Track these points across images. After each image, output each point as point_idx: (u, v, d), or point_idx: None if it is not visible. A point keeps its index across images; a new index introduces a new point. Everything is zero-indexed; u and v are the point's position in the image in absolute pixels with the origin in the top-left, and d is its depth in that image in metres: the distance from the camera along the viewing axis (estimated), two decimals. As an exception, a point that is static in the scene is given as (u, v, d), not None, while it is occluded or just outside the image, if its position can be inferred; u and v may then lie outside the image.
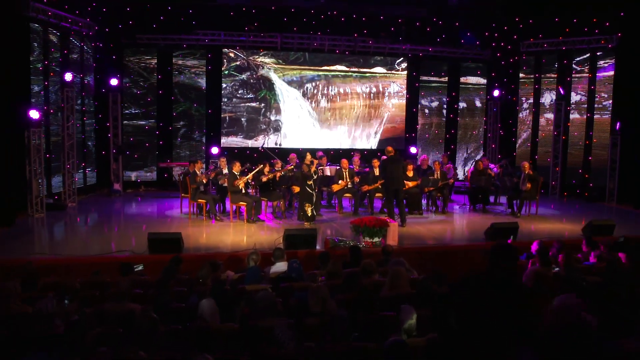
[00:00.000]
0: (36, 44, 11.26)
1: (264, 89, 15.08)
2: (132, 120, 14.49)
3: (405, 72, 15.94)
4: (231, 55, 14.85)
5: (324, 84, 15.40)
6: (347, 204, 11.99)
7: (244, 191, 10.41)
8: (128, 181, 14.47)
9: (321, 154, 12.47)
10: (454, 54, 15.92)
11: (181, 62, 14.61)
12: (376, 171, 11.59)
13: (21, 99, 10.67)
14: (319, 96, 15.41)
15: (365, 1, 15.06)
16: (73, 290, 4.80)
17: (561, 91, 14.69)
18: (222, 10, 14.32)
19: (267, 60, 15.02)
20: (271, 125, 15.23)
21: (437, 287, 4.91)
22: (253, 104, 15.08)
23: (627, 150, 13.29)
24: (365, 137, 15.85)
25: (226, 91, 14.90)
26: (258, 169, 10.62)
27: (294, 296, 5.14)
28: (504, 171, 13.51)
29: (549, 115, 15.32)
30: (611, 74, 14.03)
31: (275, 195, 10.84)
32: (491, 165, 13.35)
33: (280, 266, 6.35)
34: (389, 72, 15.81)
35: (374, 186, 11.37)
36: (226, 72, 14.84)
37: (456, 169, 13.79)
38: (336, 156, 14.13)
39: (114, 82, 13.60)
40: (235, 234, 9.64)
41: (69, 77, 11.67)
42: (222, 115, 14.90)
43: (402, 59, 15.83)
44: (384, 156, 13.36)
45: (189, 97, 14.72)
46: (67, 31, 12.27)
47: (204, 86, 14.75)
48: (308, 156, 10.27)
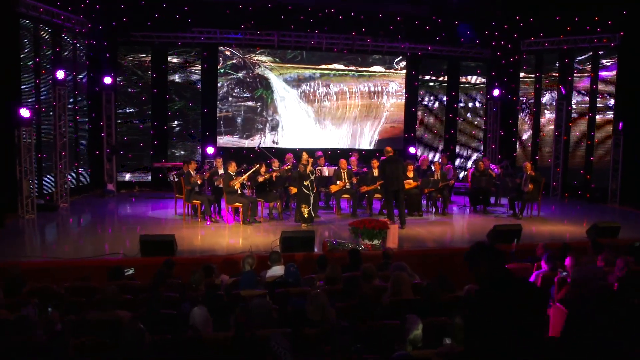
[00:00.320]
0: (27, 41, 10.97)
1: (260, 87, 14.83)
2: (126, 119, 14.23)
3: (404, 71, 15.70)
4: (227, 53, 14.59)
5: (321, 83, 15.16)
6: (345, 205, 11.76)
7: (239, 192, 10.15)
8: (122, 181, 14.21)
9: (320, 154, 12.23)
10: (454, 52, 15.70)
11: (176, 60, 14.34)
12: (375, 172, 11.36)
13: (11, 97, 10.37)
14: (316, 95, 15.16)
15: (364, -1, 14.87)
16: (58, 297, 4.54)
17: (562, 91, 14.47)
18: (217, 7, 14.05)
19: (263, 58, 14.76)
20: (268, 124, 14.98)
21: (444, 294, 4.67)
22: (249, 103, 14.82)
23: (630, 151, 13.07)
24: (364, 137, 15.60)
25: (222, 90, 14.64)
26: (254, 169, 10.36)
27: (291, 303, 4.88)
28: (505, 172, 13.32)
29: (550, 115, 15.11)
30: (613, 73, 13.82)
31: (272, 196, 10.59)
32: (492, 166, 13.13)
33: (277, 270, 6.09)
34: (388, 71, 15.57)
35: (372, 187, 11.13)
36: (222, 70, 14.58)
37: (456, 170, 13.56)
38: (334, 156, 13.89)
39: (107, 80, 13.34)
40: (231, 235, 9.39)
41: (60, 75, 11.38)
42: (217, 115, 14.63)
43: (400, 57, 15.60)
44: (383, 156, 13.20)
45: (184, 96, 14.45)
46: (59, 28, 11.98)
47: (199, 85, 14.49)
48: (304, 155, 9.99)
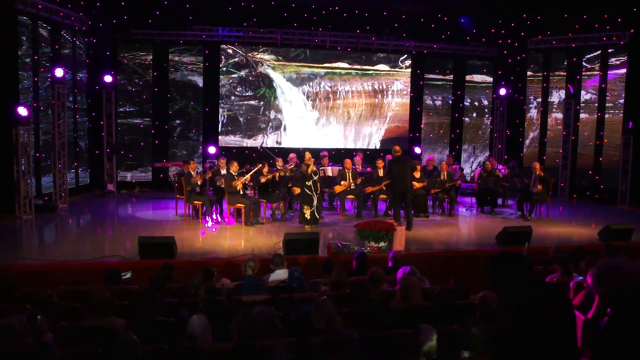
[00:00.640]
0: (25, 38, 10.76)
1: (263, 86, 14.59)
2: (127, 118, 14.01)
3: (409, 70, 15.45)
4: (229, 51, 14.36)
5: (325, 81, 14.92)
6: (350, 206, 11.53)
7: (241, 192, 9.91)
8: (122, 182, 14.00)
9: (325, 153, 11.99)
10: (460, 51, 15.44)
11: (177, 58, 14.13)
12: (380, 172, 11.14)
13: (9, 95, 10.17)
14: (320, 94, 14.92)
15: (369, -4, 14.62)
16: (48, 303, 4.29)
17: (570, 89, 14.21)
18: (219, 5, 13.82)
19: (266, 56, 14.53)
20: (271, 124, 14.74)
21: (457, 300, 4.42)
22: (252, 102, 14.59)
23: (640, 151, 12.82)
24: (368, 136, 15.36)
25: (224, 89, 14.41)
26: (257, 168, 10.12)
27: (295, 309, 4.63)
28: (512, 172, 13.06)
29: (558, 115, 14.84)
30: (623, 71, 13.54)
31: (275, 196, 10.34)
32: (499, 166, 12.87)
33: (280, 274, 5.84)
34: (393, 69, 15.32)
35: (377, 187, 10.87)
36: (224, 69, 14.35)
37: (462, 170, 13.29)
38: (338, 156, 13.66)
39: (108, 79, 13.13)
40: (233, 237, 9.15)
41: (59, 72, 11.17)
42: (219, 114, 14.41)
43: (405, 56, 15.35)
44: (389, 155, 12.94)
45: (185, 94, 14.23)
46: (58, 25, 11.76)
47: (201, 83, 14.26)
48: (307, 155, 9.72)
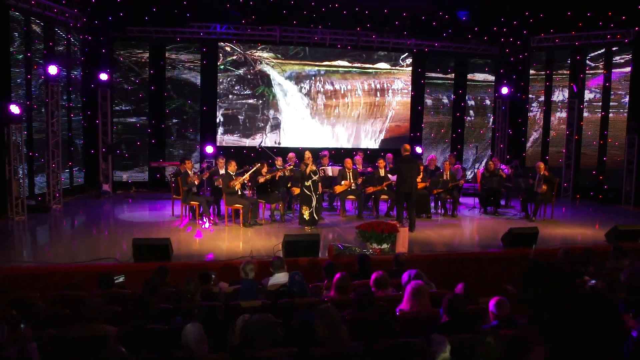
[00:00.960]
0: (17, 34, 10.48)
1: (262, 84, 14.33)
2: (123, 117, 13.73)
3: (410, 68, 15.22)
4: (227, 49, 14.10)
5: (325, 80, 14.67)
6: (350, 207, 11.29)
7: (239, 193, 9.66)
8: (118, 182, 13.72)
9: (325, 153, 11.74)
10: (461, 49, 15.20)
11: (174, 56, 13.85)
12: (381, 171, 10.90)
13: (0, 93, 9.89)
14: (319, 93, 14.67)
15: (369, -7, 14.38)
16: (35, 309, 4.05)
17: (574, 88, 13.99)
18: (217, 1, 13.56)
19: (265, 54, 14.28)
20: (269, 123, 14.49)
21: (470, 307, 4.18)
22: (250, 101, 14.33)
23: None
24: (368, 136, 15.11)
25: (222, 87, 14.14)
26: (255, 168, 9.86)
27: (297, 316, 4.39)
28: (515, 172, 12.84)
29: (561, 114, 14.63)
30: (627, 70, 13.33)
31: (274, 197, 10.08)
32: (502, 166, 12.64)
33: (280, 278, 5.59)
34: (393, 68, 15.08)
35: (379, 187, 10.65)
36: (222, 67, 14.09)
37: (464, 170, 13.07)
38: (337, 156, 13.43)
39: (103, 77, 12.84)
40: (230, 239, 8.89)
41: (53, 70, 10.89)
42: (217, 113, 14.14)
43: (406, 54, 15.11)
44: (389, 154, 12.72)
45: (182, 93, 13.96)
46: (52, 21, 11.49)
47: (198, 82, 13.99)
48: (306, 154, 9.46)
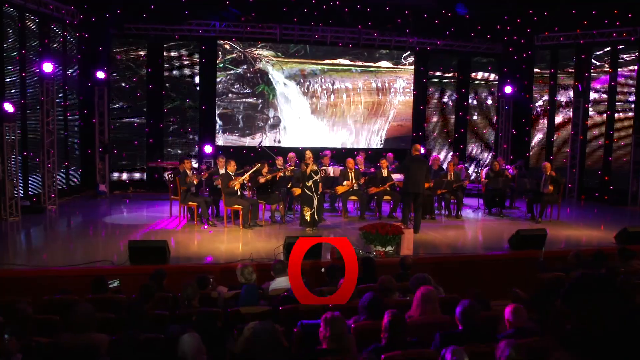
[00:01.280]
0: (11, 30, 10.23)
1: (261, 83, 14.09)
2: (120, 116, 13.50)
3: (413, 67, 14.99)
4: (226, 47, 13.86)
5: (325, 78, 14.43)
6: (352, 208, 11.05)
7: (239, 193, 9.41)
8: (115, 182, 13.48)
9: (327, 153, 11.51)
10: (464, 48, 14.98)
11: (173, 54, 13.62)
12: (384, 172, 10.67)
13: (-6, 91, 9.68)
14: (320, 92, 14.43)
15: (371, -9, 14.13)
16: (22, 316, 3.80)
17: (579, 87, 13.77)
18: (216, -1, 13.35)
19: (265, 52, 14.04)
20: (269, 122, 14.25)
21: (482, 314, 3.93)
22: (250, 100, 14.10)
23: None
24: (370, 135, 14.88)
25: (221, 86, 13.90)
26: (255, 168, 9.61)
27: (300, 324, 4.14)
28: (519, 172, 12.60)
29: (565, 113, 14.40)
30: (634, 68, 13.11)
31: (274, 197, 9.83)
32: (506, 166, 12.41)
33: (282, 282, 5.36)
34: (395, 66, 14.85)
35: (382, 188, 10.41)
36: (221, 65, 13.86)
37: (468, 170, 12.83)
38: (338, 156, 13.18)
39: (100, 75, 12.57)
40: (230, 241, 8.65)
41: (48, 68, 10.62)
42: (216, 112, 13.90)
43: (409, 52, 14.89)
44: (389, 154, 12.50)
45: (181, 92, 13.72)
46: (47, 18, 11.25)
47: (197, 80, 13.76)
48: (307, 154, 9.20)
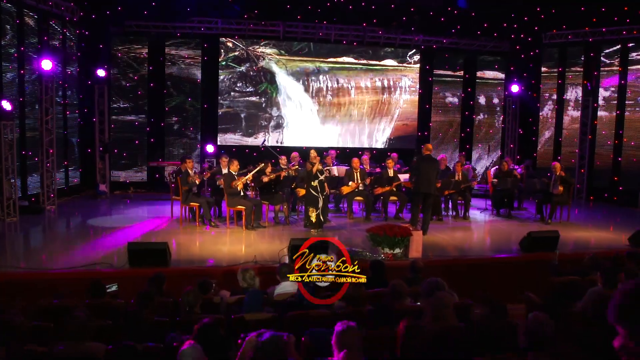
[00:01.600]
0: (9, 27, 10.02)
1: (264, 82, 13.86)
2: (121, 115, 13.30)
3: (418, 65, 14.74)
4: (229, 45, 13.64)
5: (330, 77, 14.20)
6: (356, 208, 10.82)
7: (242, 194, 9.17)
8: (116, 182, 13.29)
9: (332, 152, 11.28)
10: (470, 46, 14.72)
11: (174, 52, 13.41)
12: (390, 172, 10.43)
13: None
14: (324, 90, 14.20)
15: (376, -12, 13.90)
16: (11, 325, 3.57)
17: (588, 86, 13.51)
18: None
19: (268, 50, 13.81)
20: (272, 121, 14.02)
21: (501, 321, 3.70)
22: (253, 99, 13.87)
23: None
24: (375, 135, 14.63)
25: (223, 84, 13.68)
26: (259, 167, 9.38)
27: (309, 332, 3.90)
28: (527, 173, 12.35)
29: (574, 113, 14.14)
30: (644, 66, 12.87)
31: (278, 198, 9.60)
32: (514, 166, 12.16)
33: (287, 287, 5.11)
34: (401, 64, 14.61)
35: (388, 188, 10.17)
36: (223, 63, 13.63)
37: (475, 170, 12.58)
38: (343, 155, 12.96)
39: (100, 73, 12.38)
40: (232, 243, 8.42)
41: (47, 65, 10.38)
42: (218, 111, 13.68)
43: (414, 50, 14.64)
44: (394, 154, 12.21)
45: (182, 90, 13.51)
46: (46, 15, 11.04)
47: (199, 78, 13.55)
48: (312, 153, 8.97)
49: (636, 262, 6.39)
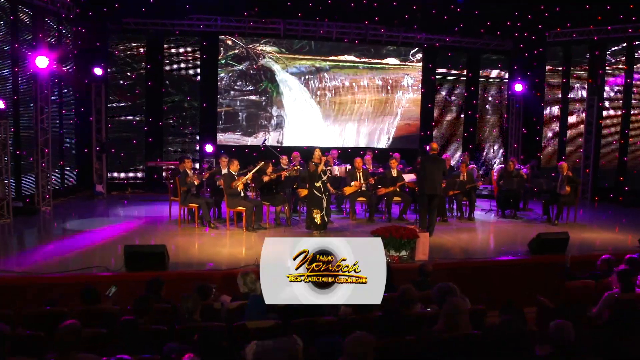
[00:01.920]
0: (2, 23, 9.79)
1: (264, 80, 13.64)
2: (118, 114, 13.06)
3: (421, 64, 14.53)
4: (229, 42, 13.41)
5: (331, 75, 13.97)
6: (359, 209, 10.60)
7: (242, 194, 8.94)
8: (113, 182, 13.06)
9: (334, 152, 11.05)
10: (474, 44, 14.52)
11: (173, 50, 13.18)
12: (394, 172, 10.20)
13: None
14: (325, 89, 13.97)
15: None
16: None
17: (593, 85, 13.31)
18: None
19: (268, 48, 13.58)
20: (272, 121, 13.79)
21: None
22: (253, 97, 13.64)
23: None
24: (377, 135, 14.41)
25: (223, 83, 13.46)
26: (259, 166, 9.14)
27: (317, 341, 3.68)
28: (532, 173, 12.15)
29: (578, 112, 13.94)
30: (651, 64, 12.68)
31: (279, 198, 9.37)
32: (519, 166, 11.94)
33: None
34: (403, 63, 14.39)
35: (391, 189, 9.95)
36: (223, 61, 13.41)
37: (479, 170, 12.37)
38: (344, 155, 12.74)
39: (97, 71, 12.17)
40: (232, 245, 8.19)
41: (42, 63, 10.13)
42: (218, 110, 13.46)
43: (416, 49, 14.43)
44: (397, 153, 11.96)
45: (181, 89, 13.29)
46: (41, 11, 10.79)
47: (198, 77, 13.32)
48: (317, 153, 8.75)
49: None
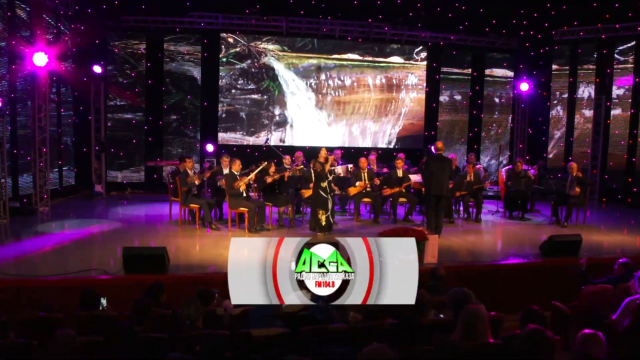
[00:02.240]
0: (-1, 19, 9.59)
1: (266, 79, 13.42)
2: (117, 113, 12.88)
3: (425, 63, 14.31)
4: (230, 40, 13.20)
5: (334, 74, 13.76)
6: (363, 210, 10.39)
7: (244, 195, 8.71)
8: (112, 182, 12.87)
9: (338, 152, 10.84)
10: (479, 43, 14.30)
11: (173, 48, 12.98)
12: (399, 172, 9.98)
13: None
14: (328, 88, 13.75)
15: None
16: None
17: (601, 84, 13.09)
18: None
19: (270, 46, 13.37)
20: (274, 120, 13.57)
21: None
22: (254, 96, 13.43)
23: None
24: (381, 134, 14.18)
25: (224, 81, 13.25)
26: (262, 166, 8.91)
27: (326, 351, 3.45)
28: (539, 174, 11.93)
29: (586, 112, 13.72)
30: (660, 63, 12.45)
31: (282, 199, 9.14)
32: (526, 167, 11.72)
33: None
34: (407, 62, 14.17)
35: (397, 189, 9.73)
36: (224, 59, 13.20)
37: (486, 170, 12.15)
38: (348, 155, 12.50)
39: (96, 69, 11.97)
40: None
41: (40, 60, 9.92)
42: (219, 109, 13.24)
43: (421, 47, 14.20)
44: (401, 154, 11.72)
45: (181, 87, 13.08)
46: (39, 7, 10.57)
47: (199, 75, 13.12)
48: (323, 152, 8.52)
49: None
